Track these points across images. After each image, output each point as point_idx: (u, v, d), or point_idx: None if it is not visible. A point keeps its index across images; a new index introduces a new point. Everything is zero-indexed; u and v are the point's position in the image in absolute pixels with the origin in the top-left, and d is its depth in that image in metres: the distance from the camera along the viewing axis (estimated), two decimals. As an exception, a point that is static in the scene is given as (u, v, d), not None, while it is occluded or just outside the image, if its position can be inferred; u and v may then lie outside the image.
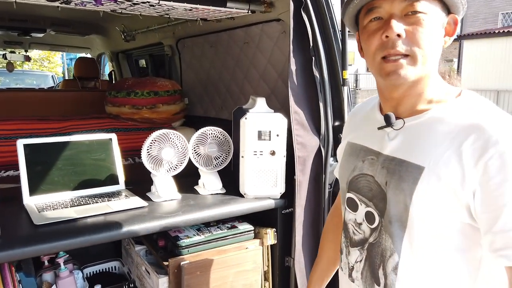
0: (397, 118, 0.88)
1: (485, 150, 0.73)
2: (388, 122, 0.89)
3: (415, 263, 0.85)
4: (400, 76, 0.81)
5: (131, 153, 2.34)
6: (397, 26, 0.80)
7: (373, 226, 0.91)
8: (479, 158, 0.74)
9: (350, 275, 1.00)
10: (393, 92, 0.88)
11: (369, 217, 0.92)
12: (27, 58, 4.51)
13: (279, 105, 1.99)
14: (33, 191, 1.55)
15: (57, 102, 3.01)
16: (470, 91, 0.87)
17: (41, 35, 3.56)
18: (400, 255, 0.85)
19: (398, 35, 0.80)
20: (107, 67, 5.33)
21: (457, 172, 0.76)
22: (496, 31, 11.06)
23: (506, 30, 11.10)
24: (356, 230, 0.96)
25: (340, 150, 1.08)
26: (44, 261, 1.74)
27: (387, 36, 0.80)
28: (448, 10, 0.85)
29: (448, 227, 0.80)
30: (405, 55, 0.81)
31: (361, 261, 0.95)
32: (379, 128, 0.92)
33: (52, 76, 10.30)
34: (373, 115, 0.97)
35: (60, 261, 1.72)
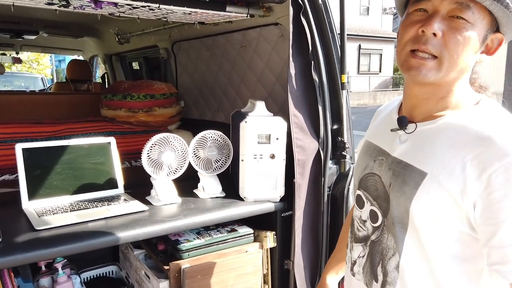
0: (411, 121, 0.89)
1: (491, 164, 0.73)
2: (401, 125, 0.90)
3: (415, 264, 0.86)
4: (420, 73, 0.81)
5: (128, 156, 2.33)
6: (437, 25, 0.78)
7: (376, 225, 0.93)
8: (483, 170, 0.74)
9: (351, 269, 1.03)
10: (413, 89, 0.88)
11: (373, 215, 0.94)
12: (18, 61, 4.46)
13: (277, 109, 2.00)
14: (32, 195, 1.53)
15: (50, 105, 2.98)
16: (490, 100, 0.86)
17: (33, 37, 3.52)
18: (401, 255, 0.87)
19: (434, 34, 0.79)
20: (98, 70, 5.31)
21: (459, 182, 0.76)
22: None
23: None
24: (361, 226, 0.99)
25: (359, 147, 1.09)
26: (41, 266, 1.72)
27: (423, 31, 0.79)
28: (497, 28, 0.83)
29: (447, 235, 0.81)
30: (434, 56, 0.80)
31: (363, 256, 0.98)
32: (392, 130, 0.93)
33: (41, 78, 10.19)
34: (391, 116, 0.98)
35: (58, 266, 1.71)
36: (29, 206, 1.51)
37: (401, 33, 0.85)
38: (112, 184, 1.71)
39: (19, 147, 1.54)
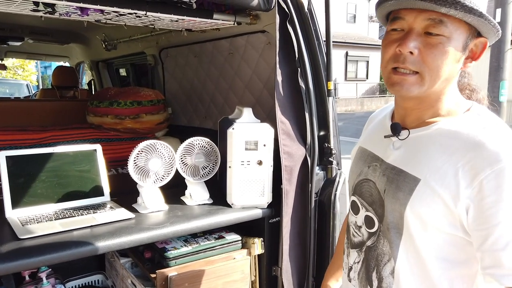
0: (404, 128, 0.90)
1: (482, 169, 0.74)
2: (394, 132, 0.91)
3: (411, 269, 0.87)
4: (403, 89, 0.83)
5: (114, 163, 2.31)
6: (412, 44, 0.80)
7: (371, 231, 0.94)
8: (475, 176, 0.75)
9: (348, 275, 1.03)
10: (403, 102, 0.91)
11: (368, 221, 0.95)
12: (3, 67, 4.40)
13: (265, 115, 2.01)
14: (15, 204, 1.51)
15: (36, 112, 2.94)
16: (481, 106, 0.87)
17: (18, 43, 3.48)
18: (396, 261, 0.88)
19: (411, 52, 0.80)
20: (85, 77, 5.26)
21: (452, 187, 0.77)
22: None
23: None
24: (356, 232, 1.00)
25: (353, 153, 1.10)
26: (25, 276, 1.69)
27: (400, 50, 0.81)
28: (478, 32, 0.83)
29: (441, 239, 0.82)
30: (415, 72, 0.82)
31: (358, 262, 0.99)
32: (385, 137, 0.94)
33: (27, 84, 10.06)
34: (384, 122, 0.99)
35: (42, 275, 1.68)
36: (13, 214, 1.49)
37: (382, 51, 0.88)
38: (98, 191, 1.69)
39: (2, 155, 1.52)
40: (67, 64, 4.60)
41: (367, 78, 21.19)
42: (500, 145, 0.75)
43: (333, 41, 1.71)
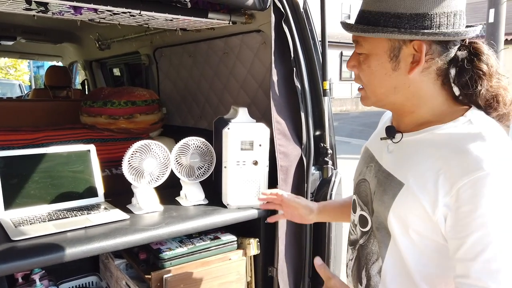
0: (398, 131, 0.91)
1: (460, 178, 0.74)
2: (388, 135, 0.92)
3: (397, 270, 0.88)
4: (362, 101, 0.94)
5: (108, 164, 2.29)
6: (351, 63, 0.91)
7: (364, 230, 0.96)
8: (453, 184, 0.74)
9: (346, 271, 1.05)
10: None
11: (362, 220, 0.97)
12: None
13: (260, 115, 2.00)
14: (8, 205, 1.49)
15: (28, 113, 2.91)
16: (477, 112, 0.84)
17: (11, 43, 3.45)
18: (384, 260, 0.89)
19: (352, 69, 0.91)
20: (78, 76, 5.22)
21: (432, 194, 0.78)
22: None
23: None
24: (353, 230, 1.02)
25: (361, 152, 1.10)
26: (18, 278, 1.67)
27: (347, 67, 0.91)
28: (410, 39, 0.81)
29: (423, 244, 0.83)
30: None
31: (352, 259, 1.01)
32: (382, 139, 0.95)
33: (19, 84, 9.98)
34: (386, 124, 1.00)
35: (36, 277, 1.66)
36: (5, 216, 1.47)
37: None
38: (92, 192, 1.68)
39: (-5, 156, 1.50)
40: (60, 63, 4.56)
41: (361, 78, 21.25)
42: (484, 153, 0.74)
43: (328, 41, 1.71)
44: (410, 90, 0.86)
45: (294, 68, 1.65)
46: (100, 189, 1.70)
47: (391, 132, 0.91)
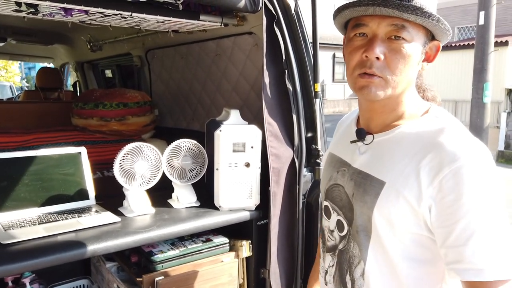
0: (369, 133, 0.93)
1: (440, 169, 0.77)
2: (359, 137, 0.94)
3: (380, 270, 0.89)
4: (371, 92, 0.85)
5: (100, 166, 2.28)
6: (378, 49, 0.82)
7: (342, 234, 0.97)
8: (435, 176, 0.78)
9: (324, 279, 1.05)
10: (369, 105, 0.93)
11: (339, 225, 0.98)
12: (-15, 68, 4.31)
13: (252, 117, 2.01)
14: (-3, 208, 1.47)
15: (19, 114, 2.88)
16: (439, 108, 0.91)
17: (1, 44, 3.41)
18: (366, 263, 0.90)
19: (377, 58, 0.83)
20: (70, 78, 5.18)
21: (415, 188, 0.80)
22: (453, 45, 11.61)
23: (461, 44, 11.69)
24: (329, 236, 1.02)
25: (323, 160, 1.13)
26: (8, 281, 1.66)
27: (367, 56, 0.83)
28: (433, 36, 0.87)
29: (408, 239, 0.85)
30: (379, 76, 0.84)
31: (333, 266, 1.01)
32: (352, 142, 0.96)
33: (10, 86, 9.89)
34: (351, 127, 1.02)
35: (26, 281, 1.65)
36: (-5, 219, 1.45)
37: (347, 58, 0.90)
38: (83, 195, 1.67)
39: (-16, 158, 1.48)
40: (51, 65, 4.53)
41: (354, 79, 21.35)
42: (457, 145, 0.79)
43: (320, 43, 1.72)
44: (410, 86, 0.89)
45: (286, 70, 1.65)
46: (91, 192, 1.68)
47: (361, 134, 0.93)
